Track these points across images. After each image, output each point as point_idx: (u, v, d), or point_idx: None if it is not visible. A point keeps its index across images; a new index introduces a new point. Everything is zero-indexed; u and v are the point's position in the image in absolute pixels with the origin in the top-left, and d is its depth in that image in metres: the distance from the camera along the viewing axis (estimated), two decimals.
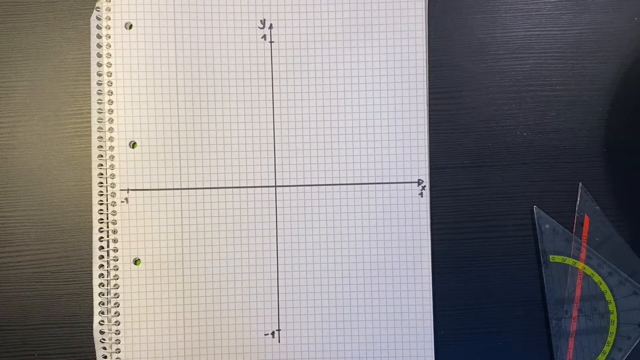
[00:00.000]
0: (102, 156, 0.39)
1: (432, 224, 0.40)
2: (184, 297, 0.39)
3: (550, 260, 0.40)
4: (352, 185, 0.40)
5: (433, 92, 0.40)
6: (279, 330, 0.40)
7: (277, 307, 0.40)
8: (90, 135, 0.39)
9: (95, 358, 0.39)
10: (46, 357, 0.40)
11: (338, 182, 0.40)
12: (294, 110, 0.40)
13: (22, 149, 0.40)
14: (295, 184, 0.40)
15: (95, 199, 0.39)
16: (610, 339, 0.40)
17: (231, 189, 0.40)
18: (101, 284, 0.39)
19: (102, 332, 0.39)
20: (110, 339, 0.39)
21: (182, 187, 0.39)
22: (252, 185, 0.40)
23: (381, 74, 0.40)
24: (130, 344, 0.39)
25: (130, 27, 0.39)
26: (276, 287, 0.40)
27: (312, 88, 0.40)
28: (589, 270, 0.40)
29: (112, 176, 0.39)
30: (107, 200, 0.39)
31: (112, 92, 0.39)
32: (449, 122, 0.40)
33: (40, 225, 0.40)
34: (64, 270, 0.40)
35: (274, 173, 0.40)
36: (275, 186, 0.40)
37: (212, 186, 0.39)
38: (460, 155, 0.40)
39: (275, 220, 0.40)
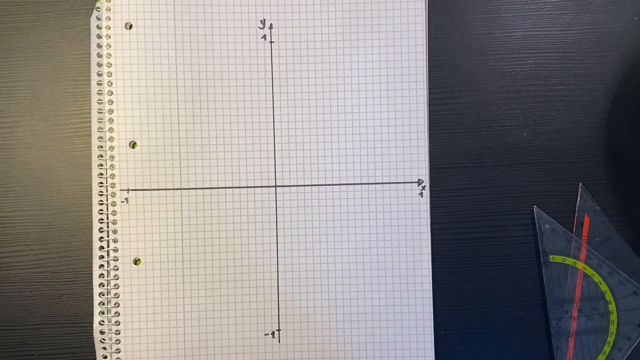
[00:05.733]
0: (102, 156, 0.39)
1: (432, 224, 0.40)
2: (184, 297, 0.39)
3: (550, 260, 0.40)
4: (352, 185, 0.40)
5: (433, 92, 0.40)
6: (279, 330, 0.40)
7: (277, 307, 0.40)
8: (90, 135, 0.39)
9: (95, 358, 0.39)
10: (46, 357, 0.40)
11: (338, 182, 0.40)
12: (294, 110, 0.40)
13: (22, 149, 0.40)
14: (295, 184, 0.40)
15: (95, 199, 0.39)
16: (610, 339, 0.40)
17: (231, 189, 0.40)
18: (101, 284, 0.39)
19: (102, 332, 0.39)
20: (110, 339, 0.39)
21: (182, 187, 0.39)
22: (252, 185, 0.40)
23: (381, 74, 0.40)
24: (130, 344, 0.39)
25: (130, 27, 0.39)
26: (276, 287, 0.40)
27: (312, 88, 0.40)
28: (589, 270, 0.40)
29: (112, 176, 0.39)
30: (107, 200, 0.39)
31: (112, 92, 0.39)
32: (449, 122, 0.40)
33: (40, 225, 0.40)
34: (64, 270, 0.40)
35: (274, 173, 0.40)
36: (275, 186, 0.40)
37: (212, 186, 0.39)
38: (460, 155, 0.40)
39: (275, 220, 0.40)
